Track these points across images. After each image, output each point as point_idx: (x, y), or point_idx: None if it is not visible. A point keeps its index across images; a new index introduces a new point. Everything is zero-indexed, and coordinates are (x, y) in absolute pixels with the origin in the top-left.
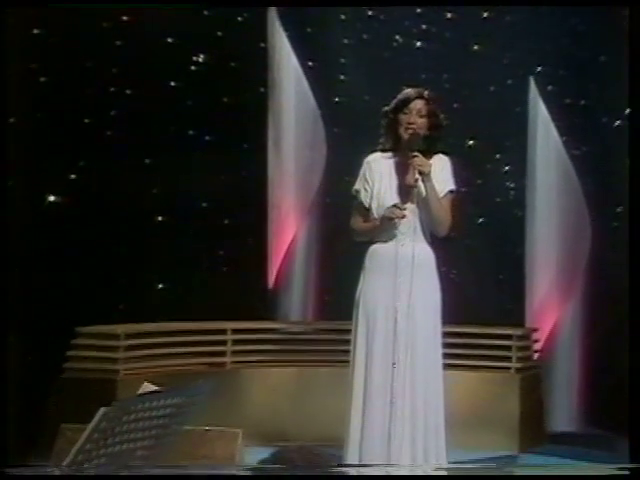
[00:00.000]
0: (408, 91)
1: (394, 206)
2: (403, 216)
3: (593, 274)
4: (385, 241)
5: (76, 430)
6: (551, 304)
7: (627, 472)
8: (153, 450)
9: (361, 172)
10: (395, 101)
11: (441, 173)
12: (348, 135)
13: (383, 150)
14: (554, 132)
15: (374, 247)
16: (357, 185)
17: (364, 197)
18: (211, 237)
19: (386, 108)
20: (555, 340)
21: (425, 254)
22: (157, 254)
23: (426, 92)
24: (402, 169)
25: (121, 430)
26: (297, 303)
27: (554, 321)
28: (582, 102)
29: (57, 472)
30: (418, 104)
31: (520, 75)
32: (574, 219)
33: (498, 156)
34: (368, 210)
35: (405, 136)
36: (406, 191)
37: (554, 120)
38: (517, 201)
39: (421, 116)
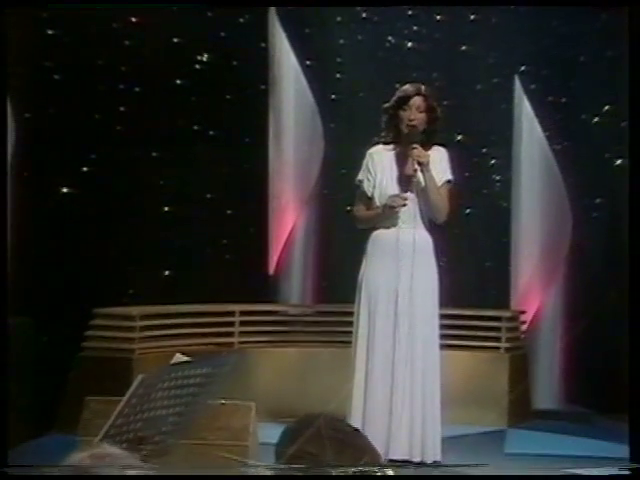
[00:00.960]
0: (407, 88)
1: (396, 195)
2: (404, 204)
3: (574, 261)
4: (387, 228)
5: (99, 402)
6: (534, 290)
7: (627, 472)
8: (183, 417)
9: (364, 163)
10: (395, 98)
11: (439, 164)
12: (344, 130)
13: (384, 143)
14: (538, 128)
15: (376, 233)
16: (360, 175)
17: (367, 187)
18: (214, 226)
19: (386, 105)
20: (538, 323)
21: (424, 240)
22: (163, 243)
23: (423, 88)
24: (402, 160)
25: (156, 397)
26: (296, 288)
27: (537, 306)
28: (563, 100)
29: (57, 472)
30: (417, 101)
31: (505, 74)
32: (556, 210)
33: (485, 150)
34: (371, 199)
35: (405, 131)
36: (406, 181)
37: (537, 116)
38: (503, 193)
39: (420, 111)
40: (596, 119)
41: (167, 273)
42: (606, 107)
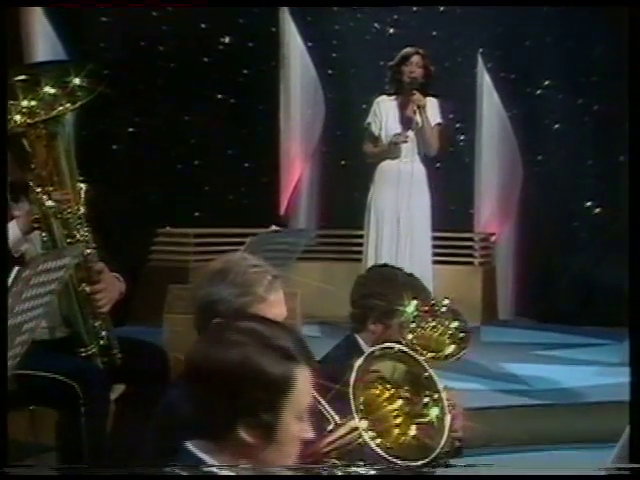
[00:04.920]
0: (408, 49)
1: (399, 133)
2: (405, 141)
3: (524, 204)
4: (391, 160)
5: (180, 289)
6: (492, 227)
7: (627, 472)
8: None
9: (372, 109)
10: (398, 57)
11: (432, 110)
12: (340, 99)
13: (388, 94)
14: (496, 97)
15: (382, 165)
16: (369, 119)
17: (374, 128)
18: (234, 177)
19: (391, 63)
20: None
21: (420, 171)
22: (194, 190)
23: (420, 50)
24: (403, 106)
25: (259, 257)
26: (302, 226)
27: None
28: (512, 76)
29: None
30: (416, 58)
31: (467, 54)
32: (510, 163)
33: (451, 116)
34: (377, 138)
35: (407, 80)
36: (407, 122)
37: (495, 89)
38: (466, 150)
39: (418, 67)
40: (538, 92)
41: (197, 214)
42: (546, 82)
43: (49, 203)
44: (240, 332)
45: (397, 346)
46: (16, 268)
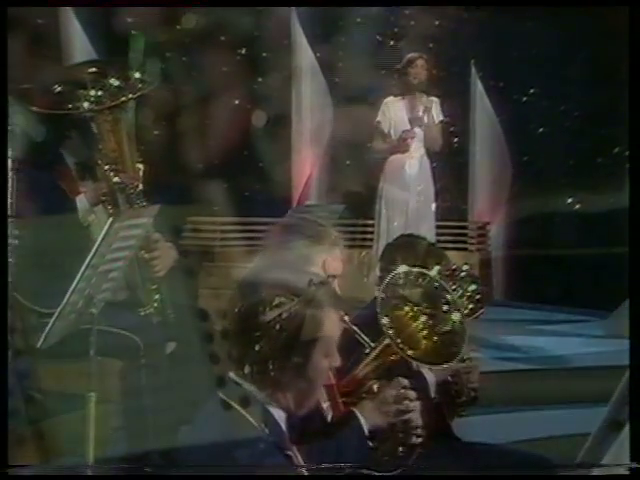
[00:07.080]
0: (413, 54)
1: (407, 130)
2: (413, 137)
3: (513, 200)
4: (401, 154)
5: (211, 266)
6: (484, 219)
7: (627, 472)
8: None
9: (381, 109)
10: (405, 61)
11: (435, 109)
12: (345, 104)
13: (394, 95)
14: (487, 103)
15: (391, 159)
16: (379, 117)
17: (384, 126)
18: (250, 176)
19: (398, 66)
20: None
21: (426, 164)
22: (213, 191)
23: (425, 55)
24: (410, 106)
25: None
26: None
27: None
28: (501, 84)
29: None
30: (421, 62)
31: (461, 64)
32: (500, 162)
33: (447, 119)
34: (386, 135)
35: (414, 82)
36: (414, 120)
37: (486, 95)
38: (460, 151)
39: (424, 70)
40: (524, 99)
41: (215, 209)
42: (531, 90)
43: (116, 179)
44: (275, 288)
45: (414, 270)
46: (109, 220)
